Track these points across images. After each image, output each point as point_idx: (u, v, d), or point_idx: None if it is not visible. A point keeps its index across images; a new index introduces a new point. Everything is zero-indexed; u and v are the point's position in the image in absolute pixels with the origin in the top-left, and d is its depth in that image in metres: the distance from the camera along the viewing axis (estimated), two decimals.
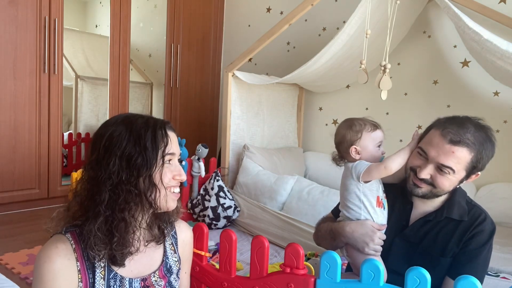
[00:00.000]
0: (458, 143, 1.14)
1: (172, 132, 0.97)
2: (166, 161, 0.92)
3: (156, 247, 1.01)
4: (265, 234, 2.37)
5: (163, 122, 0.96)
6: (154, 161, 0.89)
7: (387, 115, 3.09)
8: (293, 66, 2.79)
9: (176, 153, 0.96)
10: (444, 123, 1.20)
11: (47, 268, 0.85)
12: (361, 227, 1.23)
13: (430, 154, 1.17)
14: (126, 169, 0.87)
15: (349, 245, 1.27)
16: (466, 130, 1.15)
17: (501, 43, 1.78)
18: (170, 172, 0.94)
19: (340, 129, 1.33)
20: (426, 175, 1.18)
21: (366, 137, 1.27)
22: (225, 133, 2.91)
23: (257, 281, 1.22)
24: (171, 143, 0.94)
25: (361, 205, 1.26)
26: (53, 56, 2.90)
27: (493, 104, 2.64)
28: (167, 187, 0.93)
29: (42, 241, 2.30)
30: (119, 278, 0.93)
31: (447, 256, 1.21)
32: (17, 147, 2.81)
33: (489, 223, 1.21)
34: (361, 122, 1.30)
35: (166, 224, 1.02)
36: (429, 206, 1.28)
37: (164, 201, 0.93)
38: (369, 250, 1.21)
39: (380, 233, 1.24)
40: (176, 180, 0.95)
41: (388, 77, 1.68)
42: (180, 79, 3.81)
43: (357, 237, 1.22)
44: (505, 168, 2.60)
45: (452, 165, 1.15)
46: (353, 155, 1.28)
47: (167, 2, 3.65)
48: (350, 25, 2.27)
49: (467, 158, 1.15)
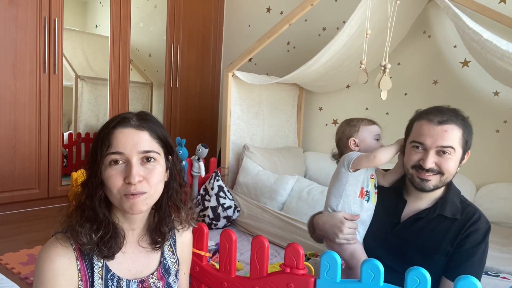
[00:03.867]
0: (446, 122, 1.18)
1: (130, 128, 0.88)
2: (111, 162, 0.86)
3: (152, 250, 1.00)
4: (265, 234, 2.37)
5: (116, 121, 0.89)
6: (98, 163, 0.87)
7: (387, 115, 3.09)
8: (293, 66, 2.79)
9: (125, 152, 0.86)
10: (423, 113, 1.25)
11: (48, 268, 0.85)
12: (331, 218, 1.30)
13: (427, 142, 1.20)
14: (88, 169, 0.90)
15: (325, 237, 1.35)
16: (444, 111, 1.21)
17: (501, 43, 1.78)
18: (120, 174, 0.86)
19: (340, 127, 1.42)
20: (431, 163, 1.19)
21: (363, 130, 1.35)
22: (225, 133, 2.91)
23: (257, 281, 1.22)
24: (115, 143, 0.86)
25: (342, 194, 1.31)
26: (53, 56, 2.90)
27: (493, 104, 2.63)
28: (122, 193, 0.86)
29: (42, 241, 2.31)
30: (117, 279, 0.92)
31: (441, 253, 1.21)
32: (17, 147, 2.81)
33: (484, 222, 1.22)
34: (358, 118, 1.39)
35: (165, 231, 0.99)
36: (423, 204, 1.28)
37: (120, 204, 0.87)
38: (339, 240, 1.27)
39: (351, 223, 1.29)
40: (127, 184, 0.86)
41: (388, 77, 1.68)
42: (180, 79, 3.81)
43: (328, 228, 1.31)
44: (505, 168, 2.60)
45: (450, 143, 1.18)
46: (352, 147, 1.35)
47: (167, 2, 3.65)
48: (350, 25, 2.27)
49: (459, 134, 1.19)
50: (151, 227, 0.98)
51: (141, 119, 0.91)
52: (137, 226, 0.96)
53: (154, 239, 0.98)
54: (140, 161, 0.88)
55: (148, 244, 0.98)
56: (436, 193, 1.27)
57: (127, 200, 0.86)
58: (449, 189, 1.27)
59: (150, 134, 0.90)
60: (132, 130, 0.88)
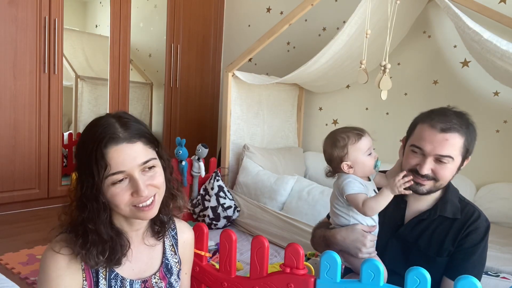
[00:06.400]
0: (449, 130, 1.15)
1: (123, 144, 0.84)
2: (116, 180, 0.84)
3: (156, 246, 1.01)
4: (265, 234, 2.37)
5: (103, 140, 0.83)
6: (99, 185, 0.83)
7: (387, 115, 3.09)
8: (293, 66, 2.79)
9: (126, 169, 0.84)
10: (428, 116, 1.22)
11: (53, 268, 0.85)
12: (351, 233, 1.23)
13: (426, 148, 1.18)
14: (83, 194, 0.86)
15: (343, 251, 1.27)
16: (451, 117, 1.18)
17: (501, 43, 1.78)
18: (126, 190, 0.85)
19: (326, 148, 1.30)
20: (428, 170, 1.18)
21: (352, 150, 1.23)
22: (225, 133, 2.91)
23: (257, 281, 1.22)
24: (114, 163, 0.83)
25: (349, 212, 1.26)
26: (53, 56, 2.90)
27: (493, 104, 2.63)
28: (130, 205, 0.86)
29: (42, 241, 2.31)
30: (120, 279, 0.93)
31: (443, 255, 1.21)
32: (17, 147, 2.81)
33: (483, 221, 1.22)
34: (344, 136, 1.24)
35: (164, 220, 1.00)
36: (423, 205, 1.28)
37: (132, 215, 0.88)
38: (362, 254, 1.22)
39: (371, 236, 1.24)
40: (136, 197, 0.85)
41: (388, 77, 1.69)
42: (180, 79, 3.81)
43: (349, 243, 1.22)
44: (505, 168, 2.60)
45: (450, 153, 1.16)
46: (346, 170, 1.25)
47: (167, 2, 3.65)
48: (350, 25, 2.27)
49: (460, 143, 1.17)
50: (151, 221, 0.99)
51: (126, 128, 0.87)
52: (140, 227, 0.97)
53: (156, 231, 1.00)
54: (141, 172, 0.87)
55: (151, 237, 1.00)
56: (435, 194, 1.26)
57: (141, 211, 0.87)
58: (448, 189, 1.27)
59: (142, 143, 0.88)
60: (126, 145, 0.85)
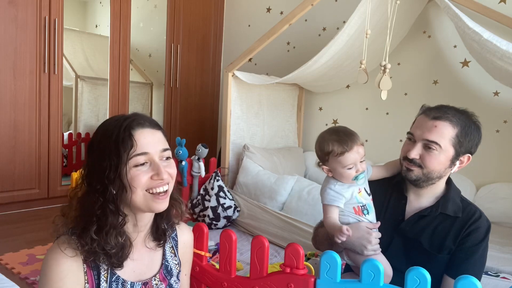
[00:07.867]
0: (440, 118, 1.19)
1: (148, 128, 0.90)
2: (138, 163, 0.87)
3: (156, 249, 1.01)
4: (265, 234, 2.37)
5: (130, 123, 0.88)
6: (122, 165, 0.85)
7: (387, 115, 3.09)
8: (293, 66, 2.79)
9: (150, 152, 0.88)
10: (426, 108, 1.27)
11: (55, 270, 0.85)
12: (356, 230, 1.23)
13: (415, 133, 1.22)
14: (97, 176, 0.87)
15: (348, 249, 1.28)
16: (447, 110, 1.22)
17: (501, 43, 1.78)
18: (146, 173, 0.88)
19: (315, 144, 1.33)
20: (416, 155, 1.21)
21: (332, 161, 1.26)
22: (225, 133, 2.91)
23: (257, 281, 1.22)
24: (139, 143, 0.86)
25: (344, 212, 1.28)
26: (53, 56, 2.90)
27: (493, 104, 2.63)
28: (146, 189, 0.88)
29: (42, 241, 2.31)
30: (121, 282, 0.93)
31: (444, 252, 1.21)
32: (17, 147, 2.81)
33: (485, 220, 1.22)
34: (329, 144, 1.25)
35: (166, 226, 1.01)
36: (424, 202, 1.28)
37: (145, 204, 0.89)
38: (368, 252, 1.22)
39: (376, 233, 1.25)
40: (155, 180, 0.88)
41: (388, 77, 1.69)
42: (180, 79, 3.81)
43: (354, 241, 1.22)
44: (505, 168, 2.60)
45: (436, 139, 1.18)
46: (325, 172, 1.31)
47: (167, 2, 3.65)
48: (350, 25, 2.27)
49: (451, 133, 1.18)
50: (154, 225, 0.99)
51: (148, 118, 0.93)
52: (144, 229, 0.97)
53: (158, 237, 1.00)
54: (160, 160, 0.90)
55: (152, 241, 1.00)
56: (436, 191, 1.27)
57: (155, 200, 0.89)
58: (450, 188, 1.28)
59: (162, 133, 0.93)
60: (150, 130, 0.90)
